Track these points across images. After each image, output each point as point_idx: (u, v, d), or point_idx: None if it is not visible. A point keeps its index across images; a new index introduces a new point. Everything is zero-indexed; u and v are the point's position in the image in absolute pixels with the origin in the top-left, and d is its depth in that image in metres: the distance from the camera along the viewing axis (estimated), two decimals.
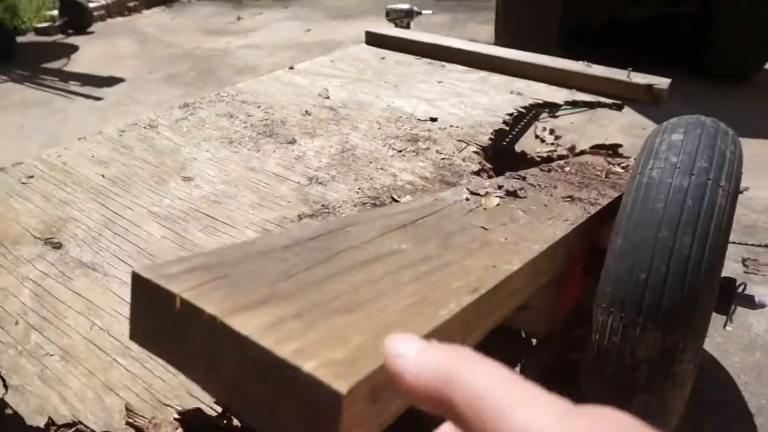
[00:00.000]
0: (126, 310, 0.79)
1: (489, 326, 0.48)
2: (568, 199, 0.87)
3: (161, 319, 0.34)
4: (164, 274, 0.34)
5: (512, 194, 0.83)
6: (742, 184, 0.95)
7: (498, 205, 0.75)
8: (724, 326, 0.92)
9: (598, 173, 1.19)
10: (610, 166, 1.30)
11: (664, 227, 0.69)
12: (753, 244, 1.68)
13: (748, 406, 1.17)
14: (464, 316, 0.40)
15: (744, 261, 1.61)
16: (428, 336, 0.36)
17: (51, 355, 0.74)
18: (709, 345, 1.33)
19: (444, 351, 0.24)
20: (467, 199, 0.74)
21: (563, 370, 1.24)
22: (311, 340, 0.31)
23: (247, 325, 0.31)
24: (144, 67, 3.80)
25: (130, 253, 0.91)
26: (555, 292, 0.89)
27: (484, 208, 0.72)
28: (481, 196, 0.77)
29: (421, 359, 0.24)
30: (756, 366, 1.27)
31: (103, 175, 1.12)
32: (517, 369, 1.26)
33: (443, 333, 0.37)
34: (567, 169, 1.20)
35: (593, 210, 0.81)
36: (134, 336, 0.36)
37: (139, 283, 0.35)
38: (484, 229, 0.63)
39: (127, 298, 0.84)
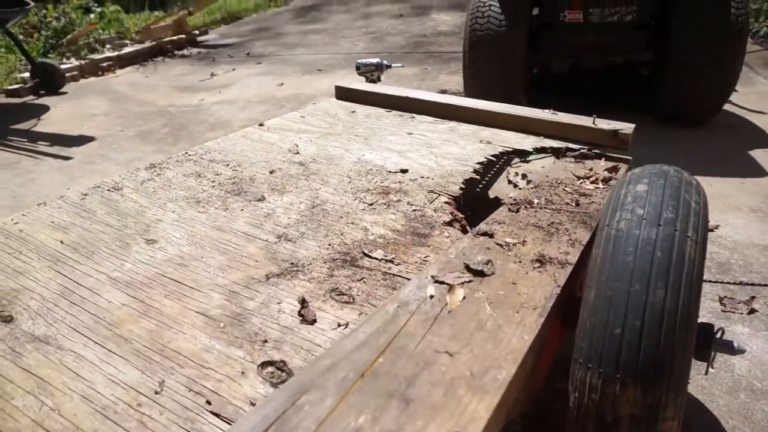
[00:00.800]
0: (80, 386, 0.74)
1: None
2: (538, 264, 0.87)
3: None
4: None
5: (479, 274, 0.83)
6: (712, 222, 0.96)
7: (464, 298, 0.75)
8: (706, 372, 0.91)
9: (568, 201, 1.19)
10: (581, 182, 1.31)
11: (636, 281, 0.68)
12: (728, 282, 1.69)
13: None
14: None
15: (721, 300, 1.62)
16: None
17: None
18: (693, 388, 1.30)
19: None
20: (431, 296, 0.73)
21: (546, 423, 1.20)
22: None
23: None
24: (116, 125, 3.79)
25: (87, 323, 0.86)
26: (532, 376, 0.88)
27: (449, 311, 0.72)
28: (448, 285, 0.77)
29: None
30: (743, 408, 1.24)
31: (62, 242, 1.07)
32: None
33: None
34: (536, 202, 1.20)
35: (563, 279, 0.81)
36: None
37: None
38: (449, 355, 0.61)
39: (83, 372, 0.80)
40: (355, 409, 0.48)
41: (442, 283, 0.83)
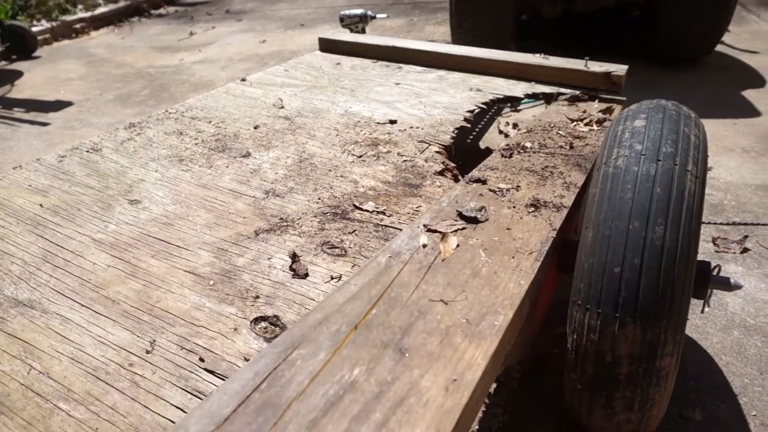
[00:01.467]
0: (69, 349, 0.72)
1: None
2: (532, 209, 0.84)
3: None
4: None
5: (472, 221, 0.80)
6: None
7: (457, 246, 0.72)
8: (702, 310, 0.90)
9: (562, 144, 1.16)
10: (574, 124, 1.28)
11: (635, 218, 0.66)
12: (721, 223, 1.68)
13: (732, 386, 1.16)
14: None
15: (714, 240, 1.62)
16: None
17: None
18: (688, 327, 1.31)
19: None
20: (424, 246, 0.71)
21: (544, 367, 1.21)
22: None
23: None
24: (94, 89, 3.67)
25: (72, 286, 0.83)
26: (529, 323, 0.86)
27: (443, 259, 0.69)
28: (440, 233, 0.74)
29: None
30: (736, 345, 1.26)
31: (41, 205, 1.04)
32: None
33: None
34: (528, 145, 1.17)
35: (559, 222, 0.78)
36: None
37: None
38: (444, 303, 0.59)
39: (71, 335, 0.78)
40: (348, 361, 0.47)
41: (434, 231, 0.81)
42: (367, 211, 1.00)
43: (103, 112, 3.25)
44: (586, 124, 1.25)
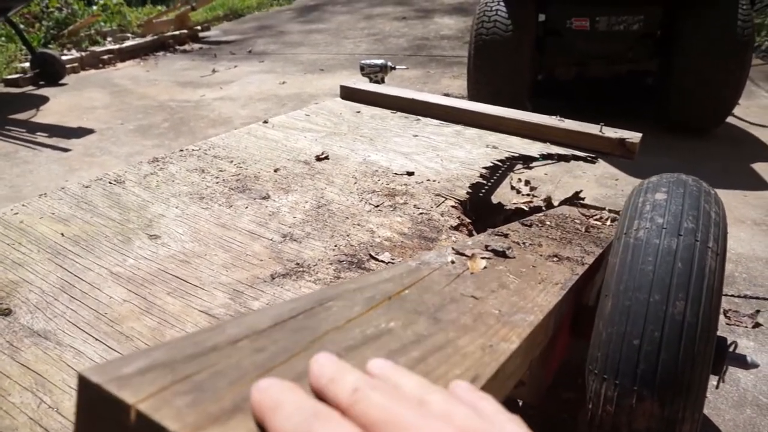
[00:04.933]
0: None
1: None
2: (554, 258, 0.84)
3: (113, 431, 0.28)
4: (117, 376, 0.29)
5: (501, 254, 0.79)
6: None
7: (485, 268, 0.72)
8: (717, 386, 0.89)
9: (578, 227, 1.18)
10: (588, 219, 1.30)
11: (655, 291, 0.66)
12: (732, 295, 1.67)
13: None
14: None
15: (725, 312, 1.61)
16: None
17: None
18: None
19: None
20: (453, 262, 0.70)
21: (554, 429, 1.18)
22: None
23: None
24: (116, 118, 3.76)
25: (87, 319, 0.84)
26: (546, 361, 0.85)
27: (471, 273, 0.69)
28: (467, 257, 0.74)
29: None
30: (748, 424, 1.23)
31: (62, 234, 1.05)
32: None
33: None
34: (547, 223, 1.18)
35: (581, 270, 0.78)
36: None
37: (86, 389, 0.29)
38: (475, 298, 0.59)
39: (82, 368, 0.77)
40: (384, 317, 0.46)
41: (462, 254, 0.80)
42: (383, 261, 1.01)
43: (123, 141, 3.32)
44: (597, 219, 1.27)
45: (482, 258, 0.75)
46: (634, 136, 1.60)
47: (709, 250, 0.70)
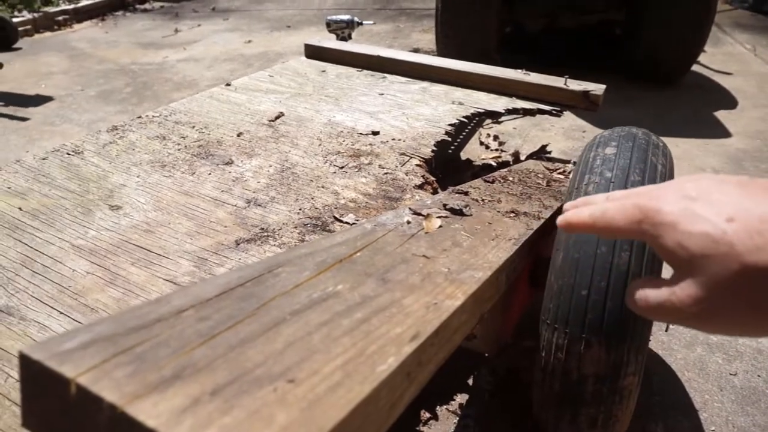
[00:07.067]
0: None
1: (432, 370, 0.46)
2: (512, 214, 0.86)
3: (56, 406, 0.29)
4: (57, 352, 0.30)
5: (457, 213, 0.81)
6: None
7: (440, 227, 0.73)
8: (666, 329, 0.94)
9: (540, 182, 1.20)
10: (551, 173, 1.32)
11: (602, 244, 0.69)
12: None
13: (693, 402, 1.20)
14: (405, 367, 0.38)
15: None
16: (366, 399, 0.33)
17: None
18: (654, 344, 1.36)
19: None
20: (408, 222, 0.71)
21: (515, 379, 1.24)
22: (230, 425, 0.27)
23: (154, 412, 0.27)
24: (75, 84, 3.62)
25: (51, 293, 0.84)
26: (500, 314, 0.88)
27: (426, 232, 0.70)
28: (423, 217, 0.75)
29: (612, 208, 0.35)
30: (698, 361, 1.31)
31: (20, 208, 1.03)
32: (470, 380, 1.25)
33: (382, 392, 0.34)
34: (510, 179, 1.20)
35: (536, 225, 0.80)
36: (27, 425, 0.31)
37: (28, 366, 0.30)
38: (426, 257, 0.61)
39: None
40: (333, 280, 0.48)
41: (419, 214, 0.81)
42: (347, 223, 1.02)
43: (84, 108, 3.22)
44: (563, 174, 1.29)
45: (438, 217, 0.77)
46: (597, 88, 1.61)
47: None
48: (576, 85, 1.64)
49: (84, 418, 0.28)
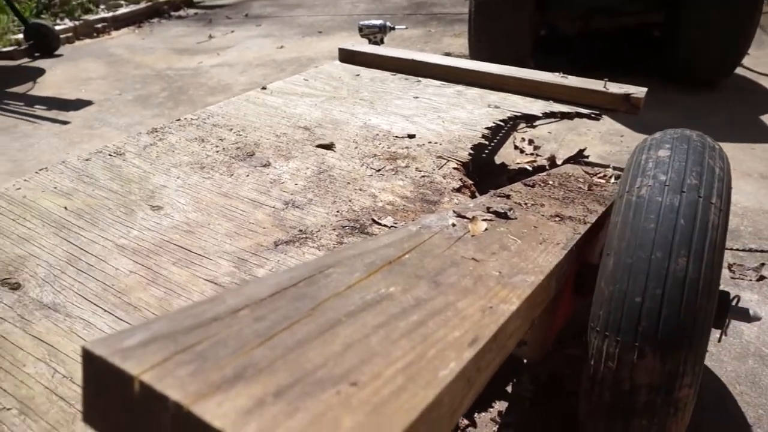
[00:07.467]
0: None
1: (488, 377, 0.44)
2: (557, 218, 0.84)
3: (118, 402, 0.29)
4: (120, 348, 0.30)
5: (502, 216, 0.79)
6: None
7: (486, 230, 0.72)
8: (719, 340, 0.90)
9: (581, 186, 1.17)
10: (592, 177, 1.28)
11: (657, 249, 0.66)
12: (737, 249, 1.67)
13: (746, 417, 1.15)
14: (466, 373, 0.36)
15: (730, 266, 1.61)
16: (431, 405, 0.31)
17: (8, 409, 0.68)
18: None
19: None
20: (453, 225, 0.70)
21: (557, 386, 1.21)
22: (296, 428, 0.26)
23: (219, 412, 0.26)
24: (113, 88, 3.72)
25: (95, 291, 0.85)
26: (548, 319, 0.86)
27: (472, 235, 0.68)
28: (468, 219, 0.74)
29: None
30: (750, 374, 1.25)
31: (65, 208, 1.06)
32: (509, 387, 1.22)
33: (445, 398, 0.33)
34: (550, 182, 1.17)
35: (583, 230, 0.78)
36: (87, 419, 0.31)
37: (91, 361, 0.30)
38: (475, 260, 0.59)
39: (93, 338, 0.79)
40: (384, 282, 0.47)
41: (463, 217, 0.80)
42: (385, 226, 1.01)
43: (122, 112, 3.29)
44: (601, 177, 1.26)
45: (483, 220, 0.75)
46: (638, 91, 1.57)
47: (713, 206, 0.69)
48: (616, 87, 1.60)
49: (146, 415, 0.28)
